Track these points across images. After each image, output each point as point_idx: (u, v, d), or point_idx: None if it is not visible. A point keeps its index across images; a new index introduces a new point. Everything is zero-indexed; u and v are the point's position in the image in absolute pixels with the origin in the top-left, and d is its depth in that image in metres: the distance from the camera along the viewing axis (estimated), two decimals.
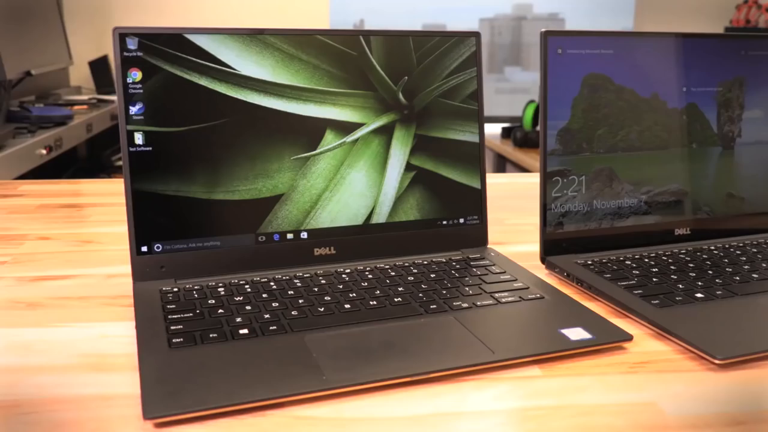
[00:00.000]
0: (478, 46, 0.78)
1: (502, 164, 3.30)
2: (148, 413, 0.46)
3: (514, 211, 1.02)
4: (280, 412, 0.49)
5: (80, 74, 3.12)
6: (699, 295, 0.67)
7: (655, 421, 0.48)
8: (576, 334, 0.58)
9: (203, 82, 0.69)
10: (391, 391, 0.51)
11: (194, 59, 0.68)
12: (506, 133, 3.15)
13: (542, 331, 0.60)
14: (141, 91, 0.67)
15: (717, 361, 0.55)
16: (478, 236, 0.80)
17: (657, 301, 0.65)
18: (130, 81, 0.67)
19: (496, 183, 1.27)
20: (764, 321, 0.62)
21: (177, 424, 0.47)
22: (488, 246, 0.80)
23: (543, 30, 0.73)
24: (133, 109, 0.67)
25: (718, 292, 0.67)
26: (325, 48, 0.73)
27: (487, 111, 0.77)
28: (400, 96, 0.76)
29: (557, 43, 0.74)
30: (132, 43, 0.66)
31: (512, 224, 0.96)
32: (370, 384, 0.51)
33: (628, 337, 0.59)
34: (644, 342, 0.61)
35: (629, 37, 0.78)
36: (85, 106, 2.56)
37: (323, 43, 0.73)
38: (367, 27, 3.76)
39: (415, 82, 0.76)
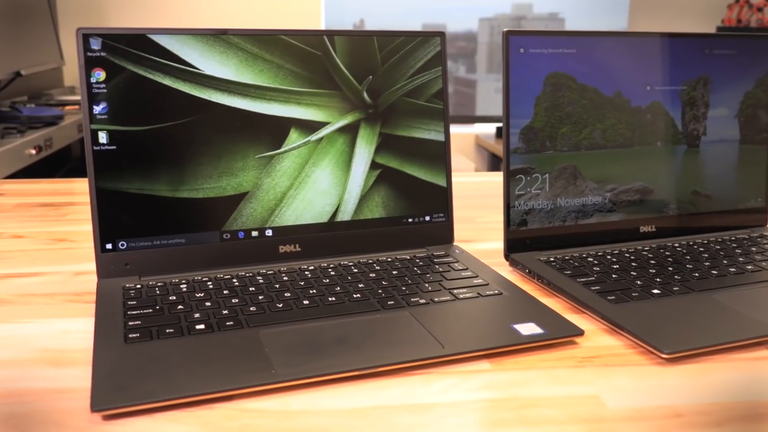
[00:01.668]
0: (443, 46, 0.79)
1: (497, 163, 3.31)
2: (95, 405, 0.47)
3: (486, 209, 1.03)
4: (228, 405, 0.50)
5: (75, 74, 3.14)
6: (655, 291, 0.68)
7: (595, 413, 0.49)
8: (528, 329, 0.59)
9: (167, 81, 0.70)
10: (339, 384, 0.52)
11: (158, 59, 0.69)
12: (500, 133, 3.16)
13: (495, 326, 0.60)
14: (105, 90, 0.68)
15: (664, 356, 0.56)
16: (444, 234, 0.81)
17: (613, 297, 0.66)
18: (94, 81, 0.68)
19: (471, 182, 1.28)
20: (715, 316, 0.63)
21: (125, 416, 0.48)
22: (454, 243, 0.81)
23: (504, 30, 0.74)
24: (96, 109, 0.68)
25: (674, 289, 0.68)
26: (289, 48, 0.74)
27: (487, 110, 0.78)
28: (365, 95, 0.77)
29: (519, 43, 0.75)
30: (95, 44, 0.67)
31: (483, 222, 0.97)
32: (317, 378, 0.52)
33: (579, 332, 0.60)
34: (596, 337, 0.61)
35: (592, 37, 0.79)
36: (76, 107, 2.57)
37: (287, 43, 0.74)
38: (367, 27, 3.77)
39: (380, 82, 0.77)
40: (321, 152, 0.75)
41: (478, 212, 1.01)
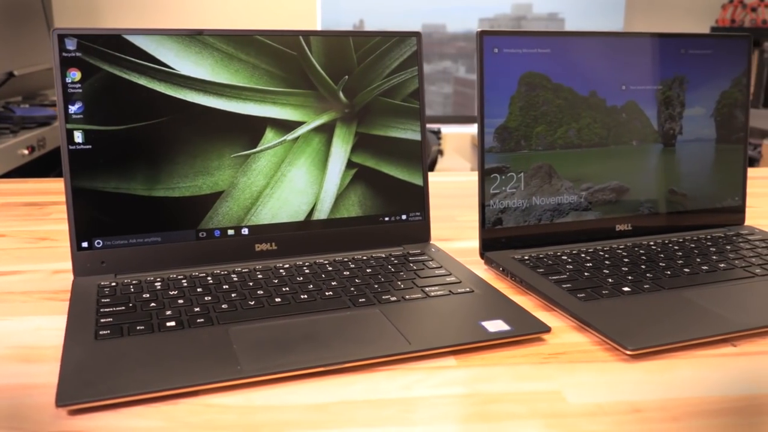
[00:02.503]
0: (419, 46, 0.80)
1: None
2: (60, 400, 0.48)
3: (467, 208, 1.04)
4: (193, 400, 0.50)
5: None
6: (626, 288, 0.68)
7: (555, 408, 0.50)
8: (495, 326, 0.60)
9: (142, 81, 0.70)
10: (303, 380, 0.53)
11: (133, 59, 0.70)
12: None
13: (462, 323, 0.61)
14: (80, 90, 0.69)
15: (628, 352, 0.57)
16: (421, 232, 0.81)
17: (583, 295, 0.67)
18: (69, 81, 0.68)
19: (453, 181, 1.28)
20: (683, 314, 0.63)
21: (90, 411, 0.48)
22: (431, 242, 0.82)
23: (478, 30, 0.75)
24: (72, 108, 0.69)
25: (645, 286, 0.69)
26: (265, 48, 0.74)
27: None
28: (341, 95, 0.77)
29: (493, 43, 0.76)
30: (71, 44, 0.68)
31: (464, 221, 0.98)
32: (282, 374, 0.52)
33: (546, 329, 0.60)
34: (564, 334, 0.62)
35: (566, 37, 0.79)
36: None
37: (262, 44, 0.74)
38: (367, 27, 3.78)
39: (356, 81, 0.78)
40: (297, 151, 0.76)
41: (459, 211, 1.02)
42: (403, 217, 0.81)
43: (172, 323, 0.59)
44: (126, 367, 0.52)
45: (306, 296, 0.65)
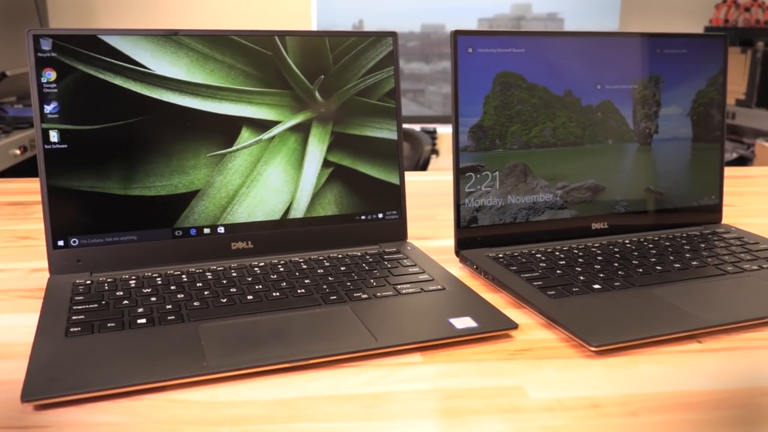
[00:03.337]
0: (395, 46, 0.80)
1: None
2: (25, 396, 0.48)
3: (448, 207, 1.04)
4: (158, 396, 0.51)
5: None
6: (596, 286, 0.69)
7: (515, 403, 0.51)
8: (463, 323, 0.60)
9: (117, 81, 0.71)
10: (269, 376, 0.54)
11: (108, 59, 0.71)
12: None
13: (431, 320, 0.62)
14: (55, 90, 0.69)
15: (592, 348, 0.58)
16: (398, 231, 0.82)
17: (553, 292, 0.67)
18: (45, 81, 0.69)
19: (435, 180, 1.29)
20: (650, 311, 0.64)
21: (55, 407, 0.49)
22: (408, 240, 0.83)
23: (452, 30, 0.75)
24: (47, 108, 0.69)
25: (616, 284, 0.69)
26: (240, 48, 0.75)
27: None
28: (317, 94, 0.78)
29: (467, 43, 0.77)
30: (46, 44, 0.69)
31: (443, 219, 0.98)
32: (247, 369, 0.53)
33: (513, 326, 0.61)
34: (532, 331, 0.63)
35: (541, 37, 0.80)
36: None
37: (238, 44, 0.75)
38: (366, 28, 3.78)
39: (332, 81, 0.78)
40: (273, 151, 0.77)
41: (441, 210, 1.03)
42: (380, 215, 0.81)
43: (143, 320, 0.60)
44: (93, 364, 0.53)
45: (278, 294, 0.66)
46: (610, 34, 0.83)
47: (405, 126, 2.98)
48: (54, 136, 0.70)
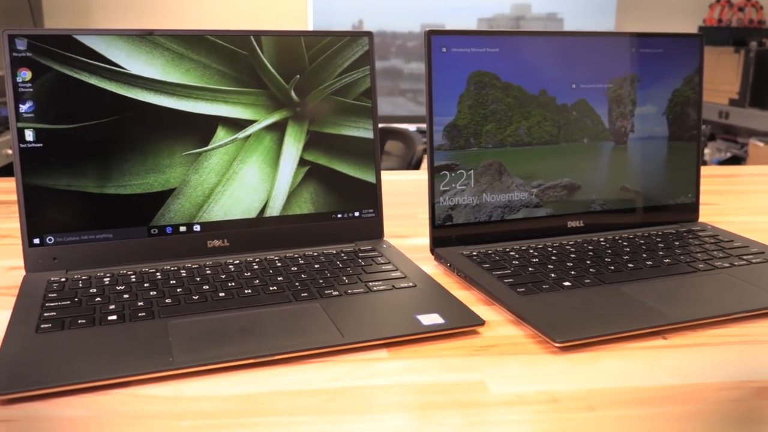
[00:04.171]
0: (371, 45, 0.81)
1: None
2: None
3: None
4: (123, 391, 0.52)
5: None
6: (566, 283, 0.69)
7: (475, 398, 0.51)
8: (430, 319, 0.61)
9: (93, 81, 0.72)
10: (235, 371, 0.54)
11: (83, 59, 0.71)
12: None
13: (398, 317, 0.62)
14: (31, 89, 0.70)
15: (557, 345, 0.58)
16: (374, 229, 0.83)
17: (523, 290, 0.68)
18: (20, 80, 0.70)
19: (419, 179, 1.29)
20: (617, 307, 0.64)
21: (21, 401, 0.50)
22: (384, 239, 0.83)
23: (426, 29, 0.76)
24: (23, 108, 0.70)
25: (586, 281, 0.70)
26: (216, 48, 0.76)
27: None
28: (293, 94, 0.79)
29: (441, 42, 0.77)
30: (21, 44, 0.69)
31: (423, 218, 0.98)
32: (213, 365, 0.54)
33: (480, 322, 0.62)
34: (500, 327, 0.63)
35: (515, 36, 0.80)
36: None
37: (213, 43, 0.76)
38: (366, 28, 3.79)
39: (308, 80, 0.79)
40: (249, 149, 0.77)
41: (420, 209, 1.03)
42: (356, 214, 0.82)
43: (114, 317, 0.61)
44: (61, 359, 0.54)
45: (250, 291, 0.67)
46: (585, 34, 0.84)
47: (400, 125, 2.99)
48: (29, 135, 0.70)
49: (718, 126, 3.39)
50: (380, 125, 0.82)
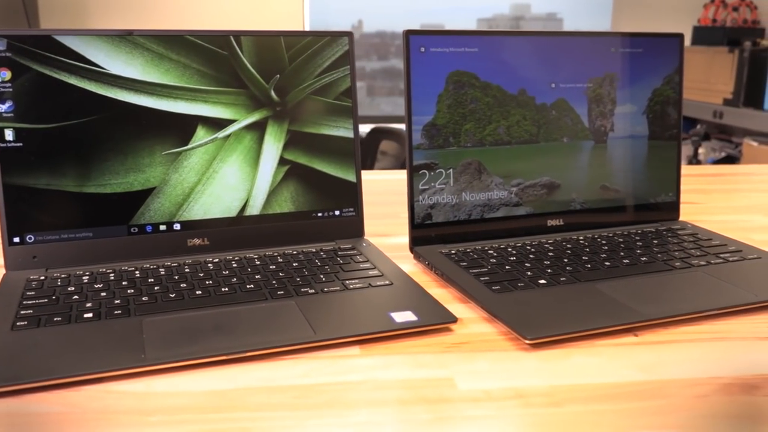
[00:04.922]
0: (351, 45, 0.82)
1: None
2: None
3: None
4: (95, 387, 0.52)
5: None
6: (542, 281, 0.70)
7: (442, 394, 0.52)
8: (403, 316, 0.62)
9: (72, 81, 0.72)
10: (207, 368, 0.55)
11: (63, 59, 0.72)
12: None
13: (372, 314, 0.63)
14: (11, 89, 0.71)
15: (527, 342, 0.59)
16: (354, 228, 0.83)
17: (498, 287, 0.68)
18: (0, 80, 0.70)
19: (399, 179, 1.30)
20: (590, 304, 0.65)
21: None
22: (365, 237, 0.84)
23: (404, 29, 0.77)
24: (3, 107, 0.70)
25: (562, 279, 0.71)
26: (195, 48, 0.76)
27: None
28: (272, 93, 0.79)
29: (419, 42, 0.78)
30: (1, 44, 0.70)
31: (404, 217, 0.99)
32: (185, 362, 0.54)
33: (453, 320, 0.62)
34: (474, 324, 0.64)
35: (494, 36, 0.81)
36: None
37: (193, 43, 0.76)
38: (365, 28, 3.80)
39: (288, 80, 0.80)
40: (228, 149, 0.78)
41: (402, 208, 1.03)
42: (337, 212, 0.83)
43: (90, 315, 0.61)
44: (35, 356, 0.54)
45: (227, 289, 0.67)
46: (564, 34, 0.85)
47: (395, 125, 2.99)
48: (9, 134, 0.71)
49: (712, 126, 3.40)
50: (375, 125, 0.83)
